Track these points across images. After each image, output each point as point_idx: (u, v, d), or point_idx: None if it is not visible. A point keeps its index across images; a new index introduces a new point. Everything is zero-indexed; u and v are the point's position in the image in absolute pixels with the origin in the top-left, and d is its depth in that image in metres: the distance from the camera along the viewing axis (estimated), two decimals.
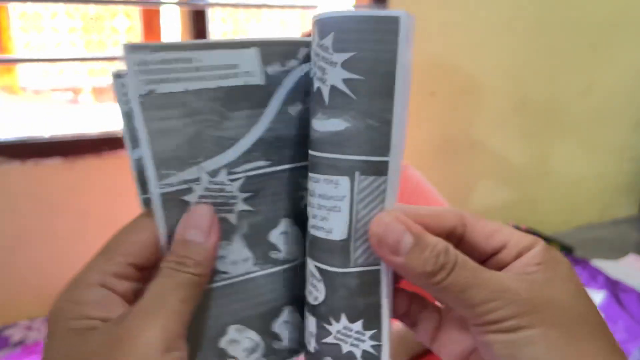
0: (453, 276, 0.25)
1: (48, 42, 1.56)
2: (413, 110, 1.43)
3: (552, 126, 2.13)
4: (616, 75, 2.20)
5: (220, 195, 0.27)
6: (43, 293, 1.42)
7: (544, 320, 0.24)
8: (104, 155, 1.42)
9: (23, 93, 1.56)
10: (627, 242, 2.08)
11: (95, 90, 1.65)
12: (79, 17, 1.59)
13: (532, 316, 0.24)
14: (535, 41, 1.98)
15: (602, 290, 1.54)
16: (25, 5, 1.50)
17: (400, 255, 0.25)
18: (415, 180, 0.80)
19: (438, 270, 0.24)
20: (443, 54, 1.83)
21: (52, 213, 1.39)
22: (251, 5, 1.71)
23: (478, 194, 2.04)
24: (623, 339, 1.30)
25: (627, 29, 2.15)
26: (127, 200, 1.58)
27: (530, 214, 2.14)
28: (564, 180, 2.21)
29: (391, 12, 0.25)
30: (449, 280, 0.25)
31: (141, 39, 1.65)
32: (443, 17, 1.78)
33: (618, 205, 2.38)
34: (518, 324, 0.24)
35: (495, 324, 0.24)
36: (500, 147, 2.04)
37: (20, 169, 1.33)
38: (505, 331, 0.24)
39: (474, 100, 1.93)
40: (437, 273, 0.25)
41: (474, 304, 0.24)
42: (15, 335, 1.31)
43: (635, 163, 2.38)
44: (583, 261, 1.76)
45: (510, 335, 0.24)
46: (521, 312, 0.24)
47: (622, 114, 2.27)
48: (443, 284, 0.25)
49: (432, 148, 1.90)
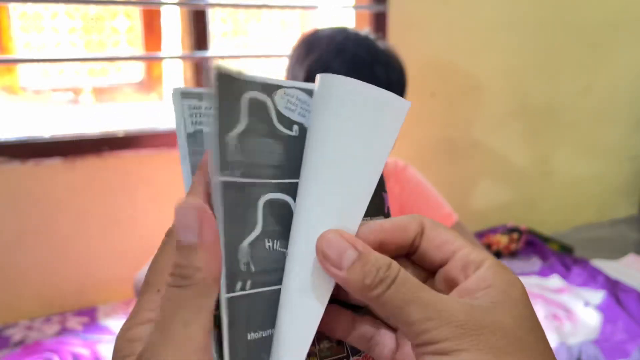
0: (392, 291, 0.25)
1: (48, 42, 1.56)
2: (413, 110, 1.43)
3: (552, 126, 2.13)
4: (616, 76, 2.20)
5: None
6: (43, 293, 1.43)
7: (479, 344, 0.23)
8: (104, 155, 1.42)
9: (23, 93, 1.55)
10: (627, 242, 2.08)
11: (96, 91, 1.65)
12: (79, 18, 1.59)
13: (467, 339, 0.23)
14: (535, 42, 1.98)
15: (601, 290, 1.55)
16: (25, 5, 1.50)
17: (342, 269, 0.25)
18: (416, 180, 0.80)
19: (377, 283, 0.25)
20: (443, 55, 1.83)
21: (52, 213, 1.40)
22: (251, 6, 1.71)
23: (478, 194, 2.05)
24: (623, 339, 1.30)
25: (626, 29, 2.16)
26: (127, 200, 1.60)
27: (529, 213, 2.14)
28: (563, 180, 2.22)
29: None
30: (387, 294, 0.25)
31: (141, 39, 1.65)
32: (443, 18, 1.79)
33: (617, 205, 2.38)
34: (451, 347, 0.23)
35: (430, 344, 0.24)
36: (500, 147, 2.05)
37: (20, 169, 1.34)
38: (439, 353, 0.24)
39: (473, 100, 1.94)
40: (376, 287, 0.25)
41: (411, 322, 0.24)
42: (16, 335, 1.32)
43: (635, 163, 2.38)
44: (583, 261, 1.76)
45: (443, 358, 0.23)
46: (456, 334, 0.23)
47: (621, 114, 2.27)
48: (382, 299, 0.25)
49: (432, 148, 1.90)
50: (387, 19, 1.69)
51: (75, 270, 1.45)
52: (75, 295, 1.47)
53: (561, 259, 1.78)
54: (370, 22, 1.69)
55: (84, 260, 1.46)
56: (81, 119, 1.56)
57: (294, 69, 0.72)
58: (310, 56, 0.70)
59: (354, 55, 0.70)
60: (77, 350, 1.24)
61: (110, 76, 1.69)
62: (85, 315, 1.42)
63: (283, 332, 0.26)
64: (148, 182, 1.48)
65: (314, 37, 0.73)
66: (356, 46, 0.71)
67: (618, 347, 1.28)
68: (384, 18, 1.68)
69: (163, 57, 1.68)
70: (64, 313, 1.43)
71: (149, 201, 1.49)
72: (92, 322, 1.39)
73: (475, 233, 2.01)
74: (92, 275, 1.48)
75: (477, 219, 2.05)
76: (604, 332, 1.34)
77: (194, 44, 1.48)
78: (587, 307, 1.45)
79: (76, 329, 1.35)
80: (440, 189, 1.06)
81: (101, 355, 1.23)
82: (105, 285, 1.49)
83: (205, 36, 1.49)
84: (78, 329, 1.35)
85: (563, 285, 1.59)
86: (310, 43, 0.72)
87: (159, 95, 1.74)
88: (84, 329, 1.35)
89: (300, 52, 0.71)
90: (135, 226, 1.48)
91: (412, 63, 1.79)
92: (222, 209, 0.26)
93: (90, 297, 1.48)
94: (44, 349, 1.25)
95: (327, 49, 0.70)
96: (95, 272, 1.48)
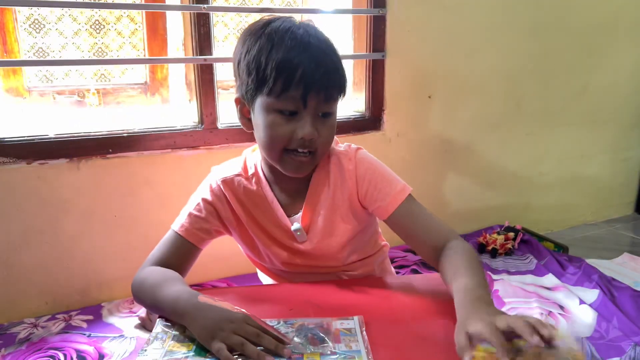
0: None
1: (53, 44, 1.58)
2: (411, 112, 1.47)
3: (547, 127, 2.15)
4: (610, 78, 2.22)
5: None
6: (49, 291, 1.45)
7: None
8: (109, 156, 1.44)
9: (29, 95, 1.58)
10: (622, 242, 2.10)
11: (100, 93, 1.68)
12: (84, 21, 1.61)
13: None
14: (531, 44, 2.00)
15: (596, 288, 1.56)
16: (31, 8, 1.52)
17: None
18: (369, 159, 0.85)
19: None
20: (440, 58, 1.85)
21: (57, 213, 1.41)
22: (254, 10, 1.73)
23: (474, 194, 2.06)
24: (617, 337, 1.31)
25: (621, 32, 2.18)
26: (131, 201, 1.62)
27: (525, 213, 2.16)
28: (558, 180, 2.24)
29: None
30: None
31: (145, 42, 1.68)
32: (440, 22, 1.81)
33: (612, 206, 2.40)
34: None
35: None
36: (496, 147, 2.06)
37: (26, 169, 1.36)
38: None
39: (470, 102, 1.96)
40: None
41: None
42: (21, 333, 1.33)
43: (629, 164, 2.40)
44: (578, 260, 1.77)
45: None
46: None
47: (616, 116, 2.29)
48: None
49: (429, 149, 1.92)
50: (386, 23, 1.71)
51: (80, 269, 1.47)
52: (80, 293, 1.48)
53: (556, 258, 1.79)
54: (369, 26, 1.71)
55: (88, 259, 1.47)
56: (86, 120, 1.58)
57: (256, 61, 0.73)
58: (275, 52, 0.72)
59: (317, 49, 0.74)
60: (82, 348, 1.26)
61: (115, 78, 1.71)
62: (90, 313, 1.44)
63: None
64: (152, 182, 1.50)
65: (272, 30, 0.75)
66: (316, 40, 0.75)
67: (612, 344, 1.29)
68: (382, 22, 1.71)
69: (167, 60, 1.70)
70: (69, 311, 1.45)
71: (153, 201, 1.51)
72: (97, 320, 1.41)
73: (471, 232, 2.03)
74: (97, 274, 1.49)
75: (473, 219, 2.07)
76: (598, 329, 1.35)
77: (197, 47, 1.50)
78: (582, 305, 1.46)
79: (81, 326, 1.37)
80: (437, 189, 1.08)
81: (105, 353, 1.24)
82: (109, 284, 1.51)
83: (210, 39, 1.50)
84: (83, 327, 1.37)
85: (558, 284, 1.60)
86: (270, 37, 0.74)
87: (162, 97, 1.76)
88: (89, 327, 1.37)
89: (263, 45, 0.73)
90: (139, 226, 1.50)
91: (410, 66, 1.82)
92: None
93: (95, 295, 1.50)
94: (49, 347, 1.26)
95: (291, 44, 0.72)
96: (100, 270, 1.49)
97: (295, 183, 0.83)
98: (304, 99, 0.72)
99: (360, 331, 0.65)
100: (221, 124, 1.57)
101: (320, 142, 0.76)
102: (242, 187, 0.85)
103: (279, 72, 0.71)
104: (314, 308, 0.72)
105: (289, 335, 0.63)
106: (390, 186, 0.82)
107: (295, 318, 0.68)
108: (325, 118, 0.76)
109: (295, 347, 0.61)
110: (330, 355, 0.60)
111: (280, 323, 0.67)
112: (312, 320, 0.67)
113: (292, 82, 0.71)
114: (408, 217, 0.80)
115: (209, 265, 0.84)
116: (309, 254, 0.86)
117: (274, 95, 0.73)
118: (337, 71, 0.76)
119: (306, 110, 0.73)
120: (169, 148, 1.50)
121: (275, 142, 0.75)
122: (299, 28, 0.75)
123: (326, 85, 0.73)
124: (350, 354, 0.59)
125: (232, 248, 0.95)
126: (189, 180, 1.54)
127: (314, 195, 0.84)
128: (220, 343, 0.59)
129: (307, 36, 0.74)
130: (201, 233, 0.83)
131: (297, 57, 0.71)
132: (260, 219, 0.85)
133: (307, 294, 0.77)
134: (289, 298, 0.77)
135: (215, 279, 1.62)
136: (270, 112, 0.74)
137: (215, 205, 0.84)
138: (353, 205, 0.84)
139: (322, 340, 0.62)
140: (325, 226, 0.84)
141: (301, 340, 0.62)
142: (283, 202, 0.85)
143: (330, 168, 0.84)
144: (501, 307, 1.47)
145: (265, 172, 0.85)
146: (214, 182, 0.85)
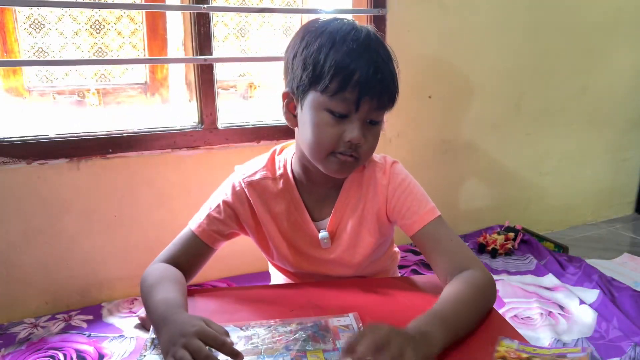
0: None
1: (53, 44, 1.58)
2: (411, 112, 1.47)
3: (547, 127, 2.15)
4: (610, 78, 2.22)
5: None
6: (48, 291, 1.45)
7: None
8: (109, 156, 1.44)
9: (29, 95, 1.58)
10: (622, 242, 2.10)
11: (100, 93, 1.67)
12: (84, 21, 1.61)
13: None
14: (530, 44, 2.00)
15: (596, 288, 1.56)
16: (31, 8, 1.52)
17: None
18: (403, 174, 0.84)
19: None
20: (440, 57, 1.85)
21: (57, 213, 1.42)
22: (254, 10, 1.73)
23: (474, 194, 2.06)
24: (617, 337, 1.32)
25: (621, 32, 2.18)
26: (131, 200, 1.62)
27: (525, 213, 2.16)
28: (558, 180, 2.24)
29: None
30: None
31: (145, 42, 1.68)
32: (440, 22, 1.81)
33: (612, 206, 2.40)
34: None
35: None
36: (496, 148, 2.07)
37: (26, 169, 1.36)
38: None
39: (470, 102, 1.96)
40: None
41: None
42: (21, 333, 1.33)
43: (629, 164, 2.40)
44: (578, 260, 1.78)
45: None
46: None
47: (616, 116, 2.29)
48: None
49: (429, 149, 1.92)
50: (386, 22, 1.71)
51: (80, 269, 1.47)
52: (80, 293, 1.48)
53: (556, 258, 1.79)
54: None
55: (88, 259, 1.47)
56: (86, 120, 1.58)
57: (314, 57, 0.72)
58: (335, 51, 0.71)
59: (377, 54, 0.72)
60: (82, 348, 1.26)
61: (115, 78, 1.71)
62: (90, 313, 1.44)
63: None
64: (152, 182, 1.50)
65: (335, 29, 0.73)
66: (377, 45, 0.74)
67: (612, 344, 1.29)
68: (383, 21, 1.71)
69: (167, 60, 1.70)
70: (69, 311, 1.45)
71: (153, 201, 1.51)
72: (97, 320, 1.41)
73: (471, 232, 2.04)
74: (97, 274, 1.49)
75: (473, 219, 2.07)
76: (598, 330, 1.35)
77: (197, 47, 1.50)
78: (582, 306, 1.46)
79: (81, 326, 1.37)
80: (437, 189, 1.08)
81: (105, 353, 1.24)
82: (109, 284, 1.51)
83: (210, 39, 1.50)
84: (83, 327, 1.37)
85: (558, 284, 1.61)
86: (332, 35, 0.72)
87: (162, 97, 1.76)
88: (89, 327, 1.37)
89: (324, 43, 0.72)
90: (139, 226, 1.50)
91: (410, 66, 1.82)
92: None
93: (95, 295, 1.50)
94: (49, 347, 1.26)
95: (352, 46, 0.71)
96: (100, 270, 1.49)
97: (326, 188, 0.83)
98: (356, 103, 0.71)
99: (358, 327, 0.65)
100: (221, 124, 1.57)
101: (365, 149, 0.75)
102: (267, 189, 0.83)
103: (336, 72, 0.70)
104: (314, 308, 0.72)
105: (288, 335, 0.64)
106: (419, 205, 0.80)
107: (292, 319, 0.68)
108: (373, 125, 0.75)
109: (298, 345, 0.61)
110: (332, 352, 0.60)
111: (277, 323, 0.67)
112: (309, 320, 0.68)
113: (349, 84, 0.70)
114: (431, 239, 0.79)
115: (209, 265, 0.84)
116: (330, 261, 0.85)
117: (328, 94, 0.71)
118: (393, 80, 0.75)
119: (357, 115, 0.72)
120: (169, 148, 1.50)
121: (321, 143, 0.74)
122: (361, 31, 0.74)
123: (380, 92, 0.72)
124: None
125: (232, 248, 0.95)
126: (188, 180, 1.55)
127: (344, 203, 0.83)
128: (171, 358, 0.57)
129: (369, 40, 0.73)
130: (217, 235, 0.82)
131: (357, 59, 0.70)
132: (281, 222, 0.84)
133: (308, 294, 0.77)
134: (290, 299, 0.77)
135: (215, 279, 1.62)
136: (320, 111, 0.73)
137: (235, 209, 0.83)
138: (380, 219, 0.83)
139: (323, 337, 0.63)
140: (351, 237, 0.83)
141: (302, 338, 0.63)
142: (309, 206, 0.84)
143: (363, 179, 0.83)
144: (501, 307, 1.47)
145: (295, 173, 0.83)
146: (237, 183, 0.83)
